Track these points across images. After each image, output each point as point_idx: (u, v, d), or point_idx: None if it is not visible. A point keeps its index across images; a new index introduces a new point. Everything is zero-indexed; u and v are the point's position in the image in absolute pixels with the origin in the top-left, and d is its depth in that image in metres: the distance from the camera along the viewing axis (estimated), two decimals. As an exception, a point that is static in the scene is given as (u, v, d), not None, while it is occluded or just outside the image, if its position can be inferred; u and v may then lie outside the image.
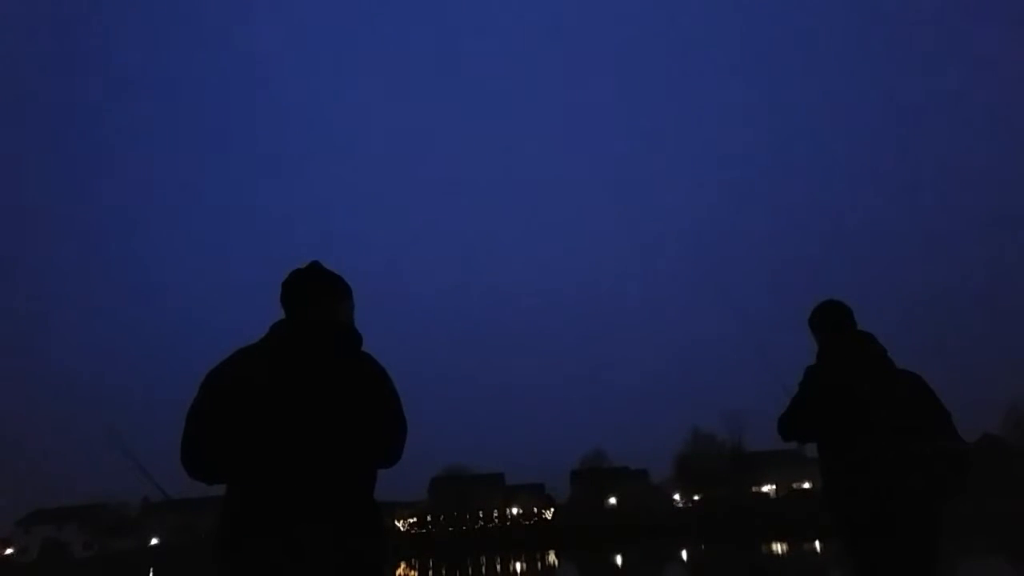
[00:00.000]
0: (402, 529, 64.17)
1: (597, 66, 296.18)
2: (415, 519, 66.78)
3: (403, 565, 39.20)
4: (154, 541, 64.99)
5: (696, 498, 62.95)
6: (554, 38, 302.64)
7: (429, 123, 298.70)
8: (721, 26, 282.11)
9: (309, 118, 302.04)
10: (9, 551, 68.09)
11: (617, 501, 65.18)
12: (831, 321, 3.02)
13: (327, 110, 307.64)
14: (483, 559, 38.51)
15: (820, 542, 28.56)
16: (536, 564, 34.22)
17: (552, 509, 67.22)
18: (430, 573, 34.39)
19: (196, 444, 1.85)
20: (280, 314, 2.10)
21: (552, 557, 38.33)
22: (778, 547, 31.59)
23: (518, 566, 33.22)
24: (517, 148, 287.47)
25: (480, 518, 65.58)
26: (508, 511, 68.35)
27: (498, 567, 33.05)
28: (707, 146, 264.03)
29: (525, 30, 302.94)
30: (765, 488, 65.28)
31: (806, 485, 62.34)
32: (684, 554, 31.57)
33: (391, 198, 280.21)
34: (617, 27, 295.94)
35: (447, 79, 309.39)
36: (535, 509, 67.43)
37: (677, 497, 66.89)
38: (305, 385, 1.88)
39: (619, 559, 32.43)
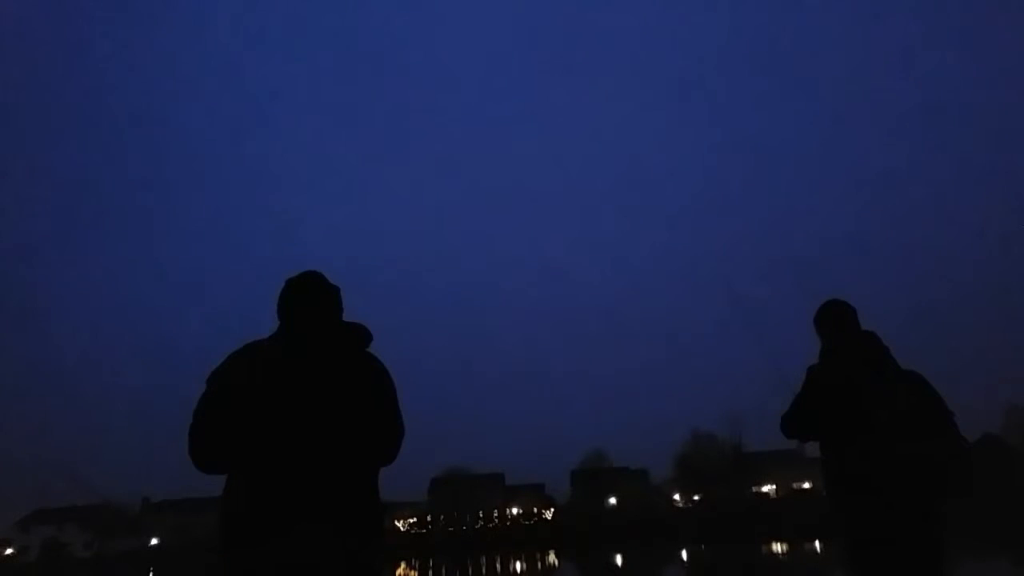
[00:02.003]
0: (402, 529, 64.19)
1: (590, 61, 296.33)
2: (415, 519, 66.79)
3: (403, 565, 39.22)
4: (154, 541, 65.04)
5: (696, 498, 62.95)
6: (548, 34, 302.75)
7: (427, 124, 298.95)
8: (724, 19, 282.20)
9: (308, 119, 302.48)
10: (9, 551, 68.11)
11: (617, 501, 65.18)
12: (835, 320, 3.03)
13: (325, 111, 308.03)
14: (483, 559, 38.53)
15: (820, 542, 28.56)
16: (536, 564, 34.23)
17: (552, 509, 67.23)
18: (430, 573, 34.40)
19: (203, 435, 1.85)
20: (276, 323, 2.10)
21: (552, 557, 38.35)
22: (778, 547, 31.59)
23: (518, 566, 33.23)
24: (515, 145, 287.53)
25: (480, 518, 65.61)
26: (508, 511, 68.37)
27: (498, 567, 33.06)
28: (705, 145, 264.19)
29: (518, 27, 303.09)
30: (765, 488, 65.28)
31: (806, 485, 62.38)
32: (684, 554, 31.58)
33: (390, 197, 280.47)
34: (614, 22, 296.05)
35: (439, 78, 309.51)
36: (535, 509, 67.44)
37: (677, 497, 66.89)
38: (312, 383, 1.88)
39: (619, 559, 32.45)
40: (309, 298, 2.09)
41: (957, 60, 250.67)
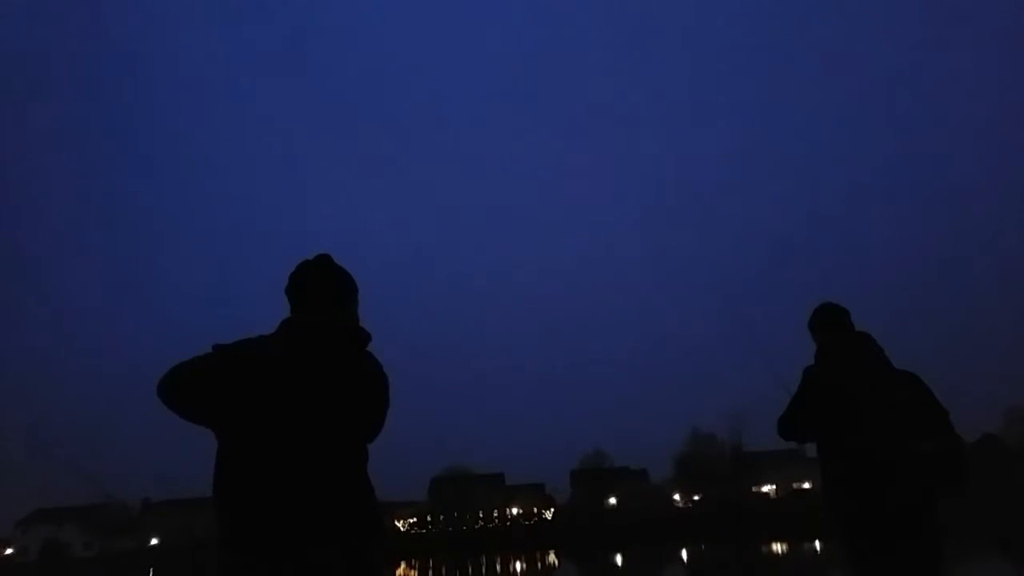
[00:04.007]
0: (402, 529, 64.17)
1: (580, 55, 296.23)
2: (415, 519, 66.79)
3: (403, 565, 39.22)
4: (154, 541, 65.03)
5: (696, 498, 62.95)
6: (535, 30, 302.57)
7: (428, 125, 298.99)
8: (716, 15, 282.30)
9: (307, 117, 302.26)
10: (9, 551, 68.10)
11: (617, 501, 65.18)
12: (829, 322, 3.06)
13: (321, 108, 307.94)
14: (483, 559, 38.52)
15: (820, 542, 28.55)
16: (536, 564, 34.24)
17: (552, 509, 67.23)
18: (430, 573, 34.43)
19: (186, 376, 1.83)
20: (284, 303, 2.11)
21: (552, 557, 38.36)
22: (778, 547, 31.59)
23: (518, 566, 33.23)
24: (519, 142, 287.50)
25: (480, 518, 65.59)
26: (508, 511, 68.34)
27: (498, 567, 33.06)
28: (704, 142, 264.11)
29: (509, 26, 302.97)
30: (765, 488, 65.27)
31: (806, 485, 62.34)
32: (684, 554, 31.59)
33: (391, 200, 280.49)
34: (607, 17, 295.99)
35: (428, 75, 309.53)
36: (535, 509, 67.43)
37: (677, 497, 66.88)
38: (309, 385, 1.88)
39: (619, 559, 32.46)
40: (316, 292, 2.08)
41: (960, 61, 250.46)
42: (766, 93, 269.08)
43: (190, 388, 1.84)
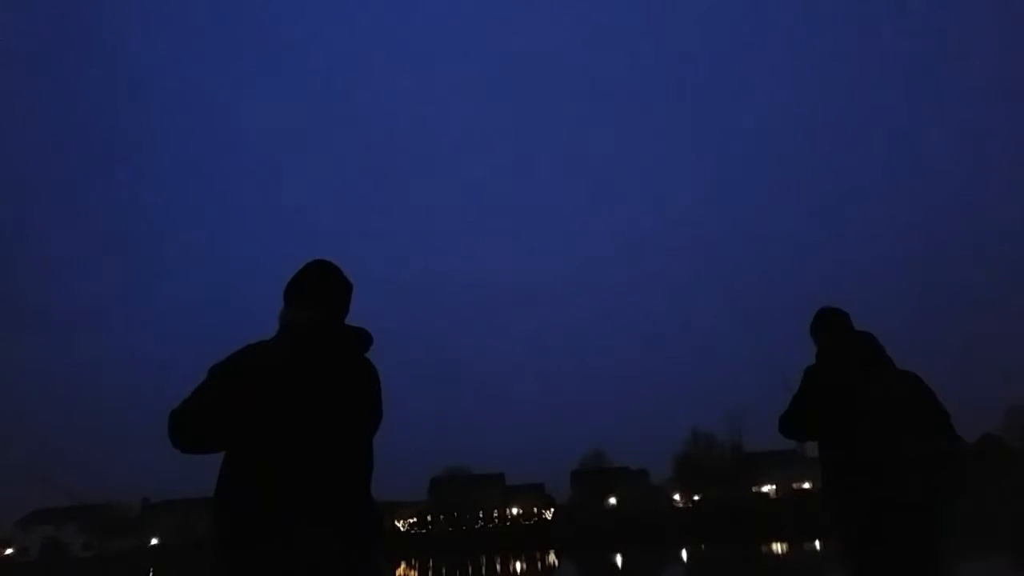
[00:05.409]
0: (402, 529, 64.20)
1: (583, 53, 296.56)
2: (415, 519, 66.80)
3: (403, 565, 39.24)
4: (154, 541, 65.05)
5: (696, 498, 62.99)
6: (538, 30, 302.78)
7: (434, 122, 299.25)
8: (724, 15, 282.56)
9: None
10: (9, 551, 68.14)
11: (617, 501, 65.19)
12: (829, 324, 3.07)
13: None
14: (483, 559, 38.54)
15: (820, 542, 28.57)
16: (536, 564, 34.27)
17: (552, 509, 67.24)
18: (430, 573, 34.44)
19: (195, 418, 1.81)
20: (279, 302, 2.10)
21: (552, 557, 38.39)
22: (778, 547, 31.62)
23: (518, 566, 33.25)
24: (521, 141, 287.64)
25: (480, 518, 65.61)
26: (508, 511, 68.37)
27: (498, 567, 33.07)
28: (705, 139, 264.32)
29: (518, 27, 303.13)
30: (765, 488, 65.29)
31: (806, 485, 62.35)
32: (684, 554, 31.60)
33: (391, 200, 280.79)
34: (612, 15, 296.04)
35: (432, 74, 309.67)
36: (535, 509, 67.45)
37: (677, 497, 66.90)
38: (314, 388, 1.88)
39: (619, 559, 32.47)
40: (318, 295, 2.08)
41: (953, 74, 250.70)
42: (774, 92, 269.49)
43: (205, 431, 1.82)
